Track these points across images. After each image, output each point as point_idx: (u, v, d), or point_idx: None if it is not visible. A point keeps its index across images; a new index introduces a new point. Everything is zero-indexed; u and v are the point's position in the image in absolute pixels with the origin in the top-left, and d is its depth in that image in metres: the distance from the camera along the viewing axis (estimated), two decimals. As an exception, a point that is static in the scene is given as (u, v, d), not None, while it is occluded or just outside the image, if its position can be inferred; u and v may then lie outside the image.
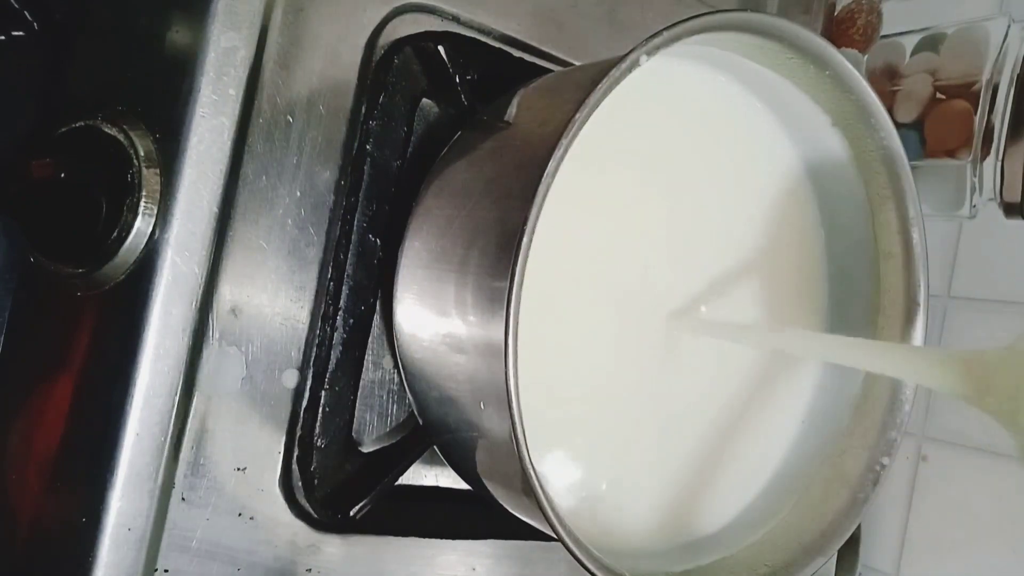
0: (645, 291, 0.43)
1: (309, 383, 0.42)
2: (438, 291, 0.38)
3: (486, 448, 0.37)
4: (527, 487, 0.34)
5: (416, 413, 0.42)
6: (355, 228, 0.42)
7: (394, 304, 0.41)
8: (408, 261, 0.40)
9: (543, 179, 0.33)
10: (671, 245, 0.44)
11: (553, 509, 0.34)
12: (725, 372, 0.46)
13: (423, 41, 0.43)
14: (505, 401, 0.33)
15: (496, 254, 0.34)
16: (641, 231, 0.43)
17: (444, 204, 0.39)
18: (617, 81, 0.34)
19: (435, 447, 0.43)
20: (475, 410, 0.36)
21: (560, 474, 0.41)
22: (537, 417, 0.39)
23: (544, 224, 0.33)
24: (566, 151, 0.33)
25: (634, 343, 0.43)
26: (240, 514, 0.41)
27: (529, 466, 0.33)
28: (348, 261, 0.42)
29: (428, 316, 0.39)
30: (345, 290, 0.42)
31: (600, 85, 0.34)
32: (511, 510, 0.39)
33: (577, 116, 0.33)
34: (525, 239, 0.32)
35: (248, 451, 0.41)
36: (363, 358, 0.43)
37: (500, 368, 0.32)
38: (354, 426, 0.43)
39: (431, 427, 0.41)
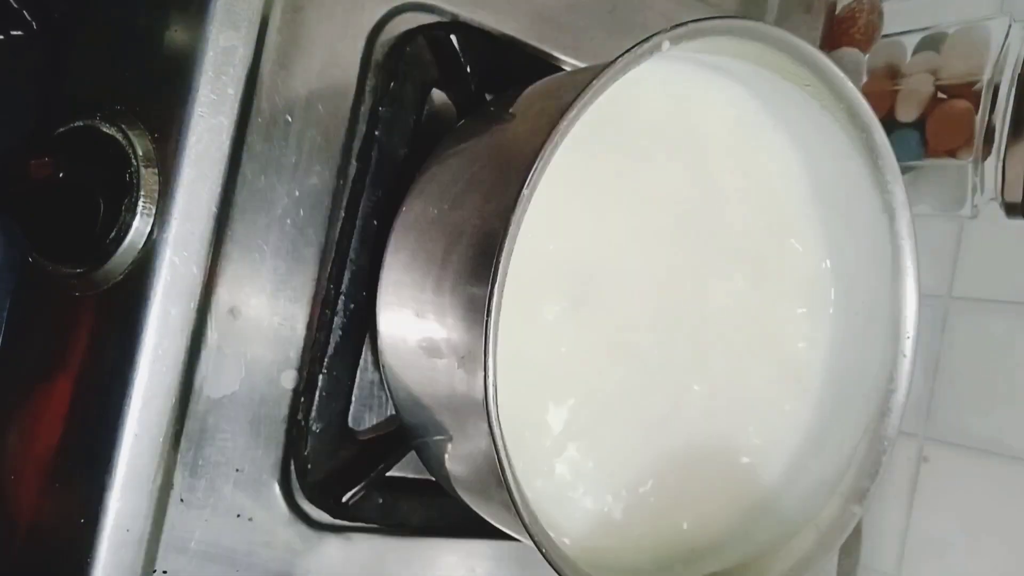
0: (634, 301, 0.43)
1: (307, 367, 0.41)
2: (416, 296, 0.38)
3: (461, 457, 0.37)
4: (505, 499, 0.33)
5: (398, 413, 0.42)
6: (360, 213, 0.42)
7: (377, 307, 0.40)
8: (390, 261, 0.40)
9: (529, 177, 0.32)
10: (667, 255, 0.44)
11: (535, 523, 0.34)
12: (719, 390, 0.45)
13: (435, 30, 0.43)
14: (484, 412, 0.32)
15: (475, 260, 0.34)
16: (632, 237, 0.43)
17: (427, 204, 0.39)
18: (622, 72, 0.34)
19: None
20: (452, 420, 0.36)
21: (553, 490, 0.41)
22: (523, 432, 0.39)
23: (526, 226, 0.33)
24: (558, 144, 0.33)
25: (622, 355, 0.43)
26: (239, 515, 0.40)
27: (509, 473, 0.33)
28: (351, 246, 0.42)
29: (407, 322, 0.38)
30: (348, 275, 0.42)
31: (604, 73, 0.33)
32: (487, 518, 0.39)
33: (577, 102, 0.33)
34: (506, 250, 0.32)
35: (247, 452, 0.40)
36: (362, 344, 0.43)
37: (480, 379, 0.32)
38: (351, 412, 0.43)
39: (410, 431, 0.41)
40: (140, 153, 0.39)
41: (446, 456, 0.39)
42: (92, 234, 0.39)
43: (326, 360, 0.42)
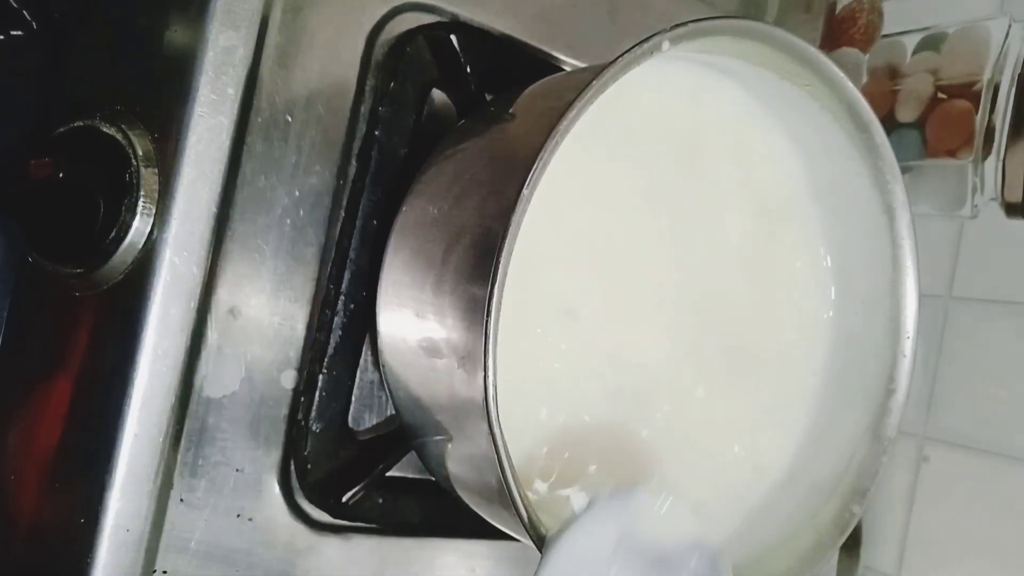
0: (633, 301, 0.43)
1: (307, 367, 0.42)
2: (416, 296, 0.38)
3: (461, 457, 0.37)
4: (505, 499, 0.33)
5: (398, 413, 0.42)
6: (360, 213, 0.42)
7: (377, 307, 0.40)
8: (390, 261, 0.40)
9: (529, 177, 0.32)
10: (666, 255, 0.44)
11: (535, 523, 0.34)
12: (717, 389, 0.45)
13: (435, 30, 0.43)
14: (484, 412, 0.32)
15: (475, 260, 0.34)
16: (632, 235, 0.43)
17: (427, 204, 0.39)
18: (624, 70, 0.34)
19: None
20: (452, 420, 0.36)
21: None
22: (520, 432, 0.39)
23: (525, 225, 0.33)
24: (558, 144, 0.33)
25: (622, 354, 0.42)
26: (239, 515, 0.40)
27: (509, 473, 0.33)
28: (352, 246, 0.42)
29: (407, 322, 0.38)
30: (348, 275, 0.42)
31: (604, 73, 0.33)
32: (487, 518, 0.39)
33: (577, 102, 0.33)
34: (506, 250, 0.32)
35: (247, 452, 0.40)
36: (362, 344, 0.43)
37: (480, 379, 0.32)
38: (351, 412, 0.43)
39: (410, 431, 0.41)
40: (140, 153, 0.39)
41: (446, 456, 0.39)
42: (92, 234, 0.39)
43: (326, 360, 0.42)
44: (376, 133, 0.42)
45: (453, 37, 0.43)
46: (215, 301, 0.39)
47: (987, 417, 0.59)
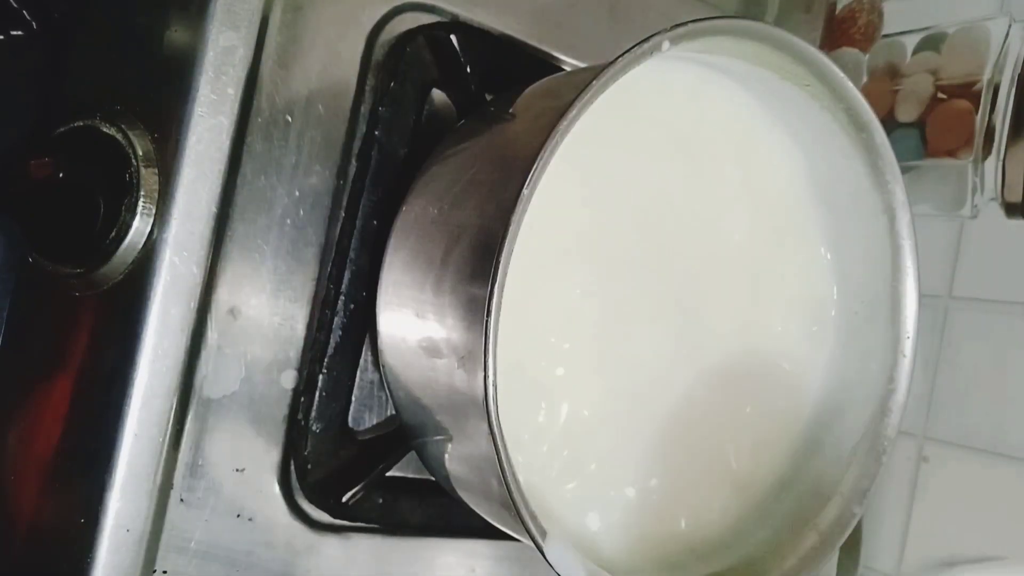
0: (634, 300, 0.43)
1: (307, 367, 0.42)
2: (416, 296, 0.38)
3: (461, 457, 0.37)
4: (505, 499, 0.33)
5: (398, 413, 0.42)
6: (360, 213, 0.42)
7: (377, 307, 0.40)
8: (390, 261, 0.40)
9: (529, 177, 0.32)
10: (667, 255, 0.44)
11: (535, 523, 0.34)
12: (717, 389, 0.45)
13: (435, 30, 0.43)
14: (484, 412, 0.32)
15: (475, 260, 0.34)
16: (632, 235, 0.43)
17: (427, 204, 0.39)
18: (624, 70, 0.34)
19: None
20: (452, 420, 0.36)
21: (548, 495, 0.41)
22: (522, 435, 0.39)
23: (525, 223, 0.33)
24: (558, 144, 0.33)
25: (623, 352, 0.43)
26: (239, 515, 0.40)
27: (509, 473, 0.33)
28: (352, 246, 0.42)
29: (407, 322, 0.38)
30: (348, 275, 0.42)
31: (604, 73, 0.33)
32: (487, 518, 0.39)
33: (577, 102, 0.33)
34: (506, 250, 0.32)
35: (247, 452, 0.40)
36: (362, 344, 0.43)
37: (480, 379, 0.32)
38: (351, 412, 0.43)
39: (410, 431, 0.41)
40: (140, 153, 0.39)
41: (446, 456, 0.39)
42: (92, 234, 0.39)
43: (326, 360, 0.42)
44: (376, 133, 0.42)
45: (453, 37, 0.43)
46: (215, 301, 0.39)
47: (987, 417, 0.59)
